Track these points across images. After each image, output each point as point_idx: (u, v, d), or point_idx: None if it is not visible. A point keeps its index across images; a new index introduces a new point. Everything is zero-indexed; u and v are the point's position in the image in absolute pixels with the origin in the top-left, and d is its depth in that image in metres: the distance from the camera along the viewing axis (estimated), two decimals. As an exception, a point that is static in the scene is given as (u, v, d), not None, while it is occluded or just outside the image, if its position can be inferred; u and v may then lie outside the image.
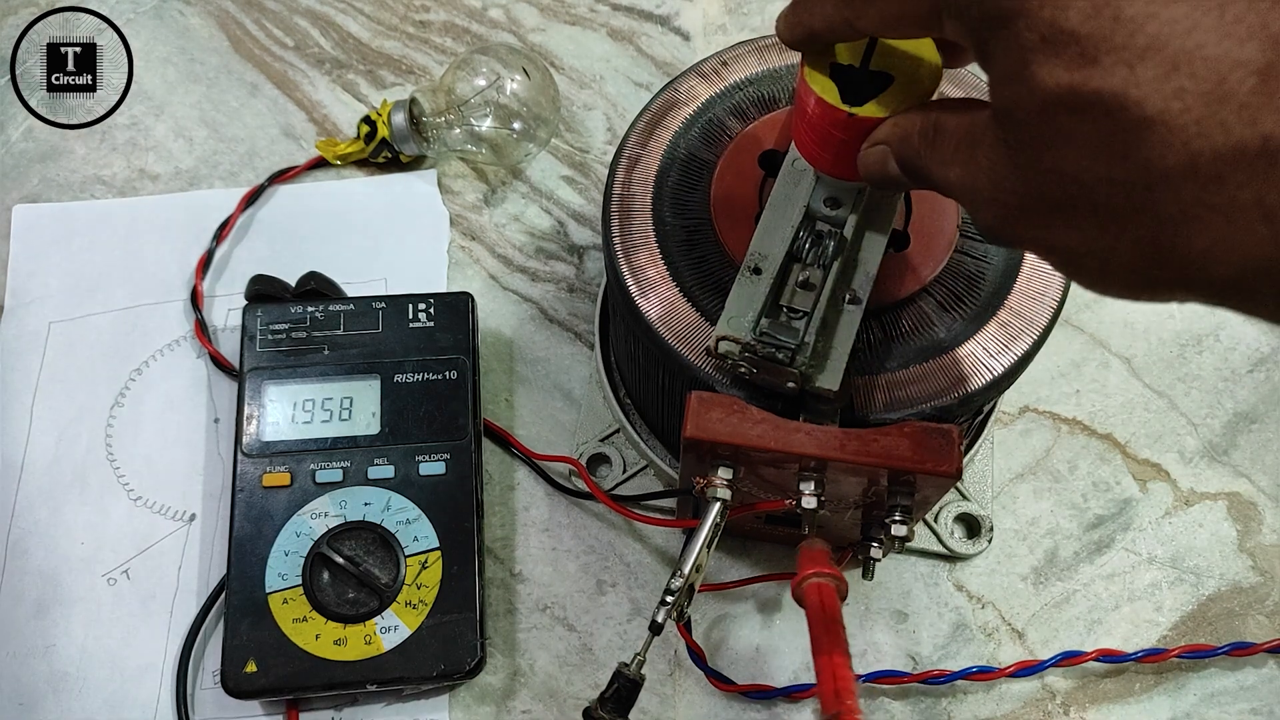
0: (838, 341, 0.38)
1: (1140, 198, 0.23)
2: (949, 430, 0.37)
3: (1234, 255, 0.22)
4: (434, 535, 0.48)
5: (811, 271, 0.38)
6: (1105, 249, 0.25)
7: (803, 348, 0.37)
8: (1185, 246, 0.23)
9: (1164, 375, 0.55)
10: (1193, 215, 0.22)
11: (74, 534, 0.51)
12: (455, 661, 0.45)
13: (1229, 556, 0.51)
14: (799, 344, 0.37)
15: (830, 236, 0.38)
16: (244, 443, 0.49)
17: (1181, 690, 0.48)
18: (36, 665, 0.48)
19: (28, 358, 0.55)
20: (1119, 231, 0.24)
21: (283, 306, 0.52)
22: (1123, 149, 0.22)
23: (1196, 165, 0.22)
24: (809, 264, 0.38)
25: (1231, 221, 0.22)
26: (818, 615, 0.36)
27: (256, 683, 0.45)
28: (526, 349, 0.56)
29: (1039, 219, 0.25)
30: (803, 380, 0.37)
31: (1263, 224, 0.21)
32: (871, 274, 0.38)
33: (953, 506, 0.51)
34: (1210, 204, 0.22)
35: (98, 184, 0.61)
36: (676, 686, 0.48)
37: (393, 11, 0.67)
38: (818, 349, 0.37)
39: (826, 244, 0.38)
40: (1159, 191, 0.22)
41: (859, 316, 0.38)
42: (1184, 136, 0.22)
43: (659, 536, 0.51)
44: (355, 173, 0.61)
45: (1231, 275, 0.23)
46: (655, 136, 0.45)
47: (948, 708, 0.48)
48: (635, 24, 0.66)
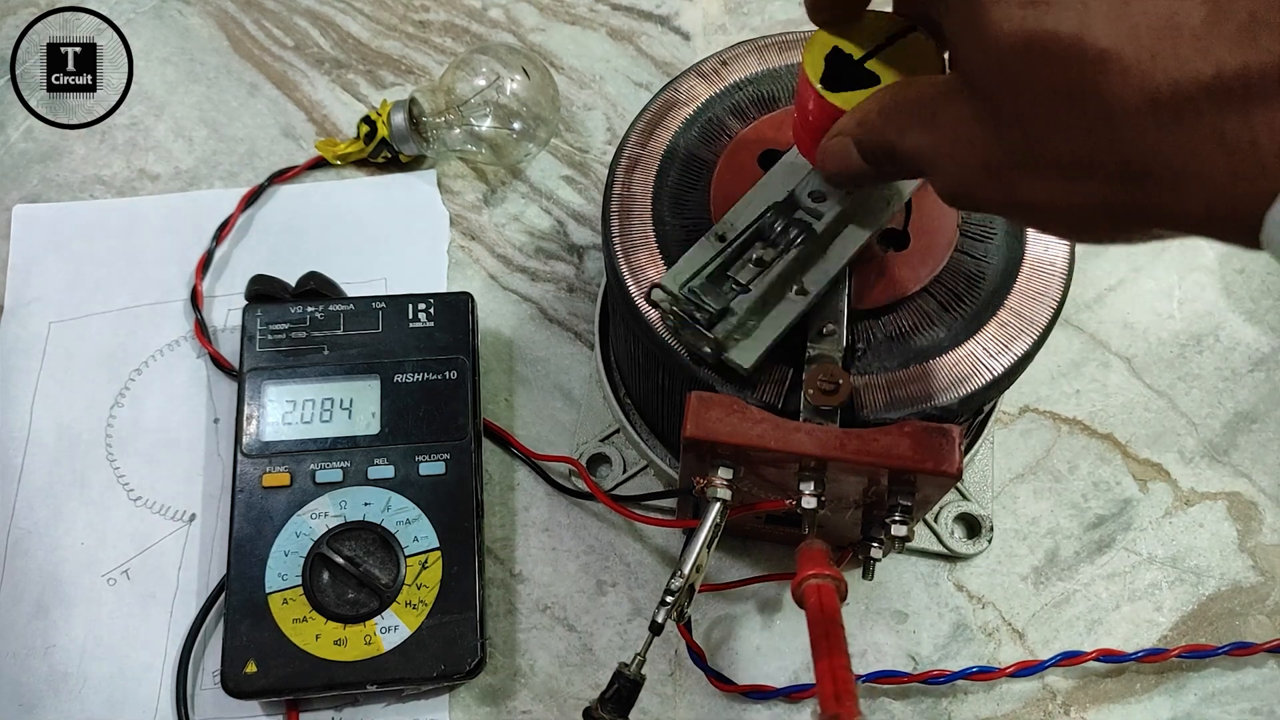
0: (767, 324, 0.38)
1: (1104, 137, 0.23)
2: (949, 430, 0.37)
3: (1199, 187, 0.22)
4: (434, 535, 0.48)
5: (767, 251, 0.38)
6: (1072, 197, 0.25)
7: (725, 316, 0.37)
8: (1151, 184, 0.23)
9: (1164, 375, 0.55)
10: (1156, 150, 0.22)
11: (74, 534, 0.51)
12: (455, 662, 0.45)
13: (1229, 556, 0.51)
14: (720, 311, 0.37)
15: (800, 226, 0.38)
16: (244, 443, 0.49)
17: (1182, 690, 0.48)
18: (36, 665, 0.48)
19: (28, 358, 0.55)
20: (1085, 177, 0.24)
21: (283, 306, 0.52)
22: (1083, 88, 0.23)
23: (1156, 98, 0.22)
24: (770, 244, 0.38)
25: (1192, 152, 0.22)
26: (817, 616, 0.36)
27: (256, 683, 0.45)
28: (526, 349, 0.56)
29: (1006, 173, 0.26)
30: (718, 348, 0.38)
31: (1221, 153, 0.22)
32: (831, 273, 0.39)
33: (953, 506, 0.51)
34: (1171, 136, 0.22)
35: (98, 184, 0.61)
36: (676, 686, 0.48)
37: (393, 11, 0.67)
38: (744, 324, 0.38)
39: (791, 231, 0.38)
40: (1122, 129, 0.23)
41: (800, 309, 0.38)
42: (1140, 71, 0.22)
43: (659, 536, 0.51)
44: (355, 173, 0.61)
45: (1196, 208, 0.23)
46: (655, 136, 0.45)
47: (948, 708, 0.48)
48: (635, 24, 0.66)
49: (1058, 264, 0.42)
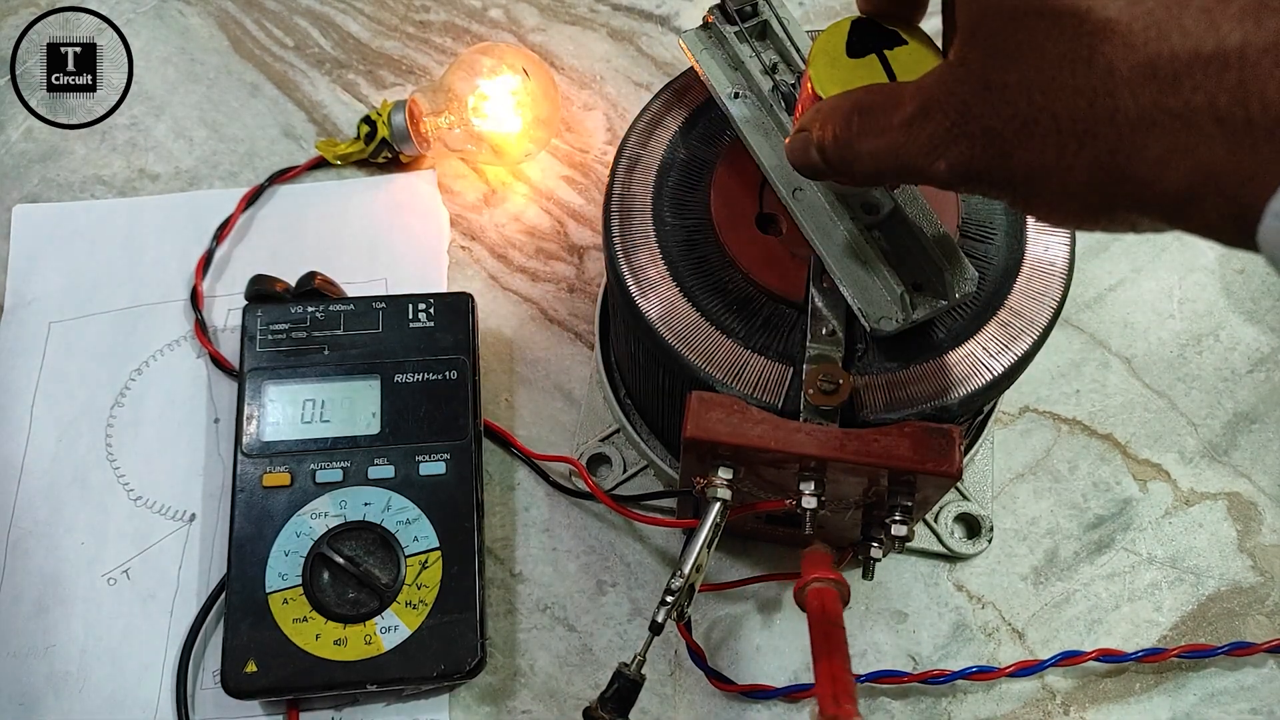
0: None
1: (1102, 104, 0.24)
2: (949, 430, 0.37)
3: (1187, 161, 0.23)
4: (434, 535, 0.48)
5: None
6: (1065, 168, 0.25)
7: None
8: (1141, 155, 0.24)
9: (1164, 375, 0.55)
10: (1150, 119, 0.23)
11: (74, 534, 0.51)
12: (455, 661, 0.45)
13: (1229, 556, 0.51)
14: None
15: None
16: (244, 443, 0.49)
17: (1181, 690, 0.48)
18: (36, 665, 0.48)
19: (28, 358, 0.55)
20: (1079, 147, 0.24)
21: (283, 306, 0.52)
22: (1087, 54, 0.23)
23: (1155, 68, 0.23)
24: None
25: (1186, 125, 0.22)
26: (819, 620, 0.36)
27: (256, 683, 0.45)
28: (526, 349, 0.56)
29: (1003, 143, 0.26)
30: None
31: (1215, 126, 0.22)
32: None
33: (953, 506, 0.51)
34: (1167, 107, 0.23)
35: (98, 184, 0.61)
36: (676, 686, 0.48)
37: (393, 11, 0.67)
38: None
39: None
40: (1120, 96, 0.23)
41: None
42: (1144, 39, 0.23)
43: (659, 536, 0.51)
44: (355, 173, 0.61)
45: (1183, 185, 0.23)
46: (655, 137, 0.45)
47: (948, 708, 0.48)
48: (635, 24, 0.66)
49: (1058, 264, 0.42)
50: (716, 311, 0.41)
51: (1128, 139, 0.23)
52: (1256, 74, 0.21)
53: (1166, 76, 0.22)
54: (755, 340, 0.40)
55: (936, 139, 0.28)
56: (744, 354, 0.40)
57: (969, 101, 0.27)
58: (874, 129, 0.29)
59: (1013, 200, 0.28)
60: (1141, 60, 0.23)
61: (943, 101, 0.27)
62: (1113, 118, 0.23)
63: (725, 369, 0.40)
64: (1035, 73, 0.25)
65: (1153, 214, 0.25)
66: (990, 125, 0.26)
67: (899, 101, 0.29)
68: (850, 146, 0.30)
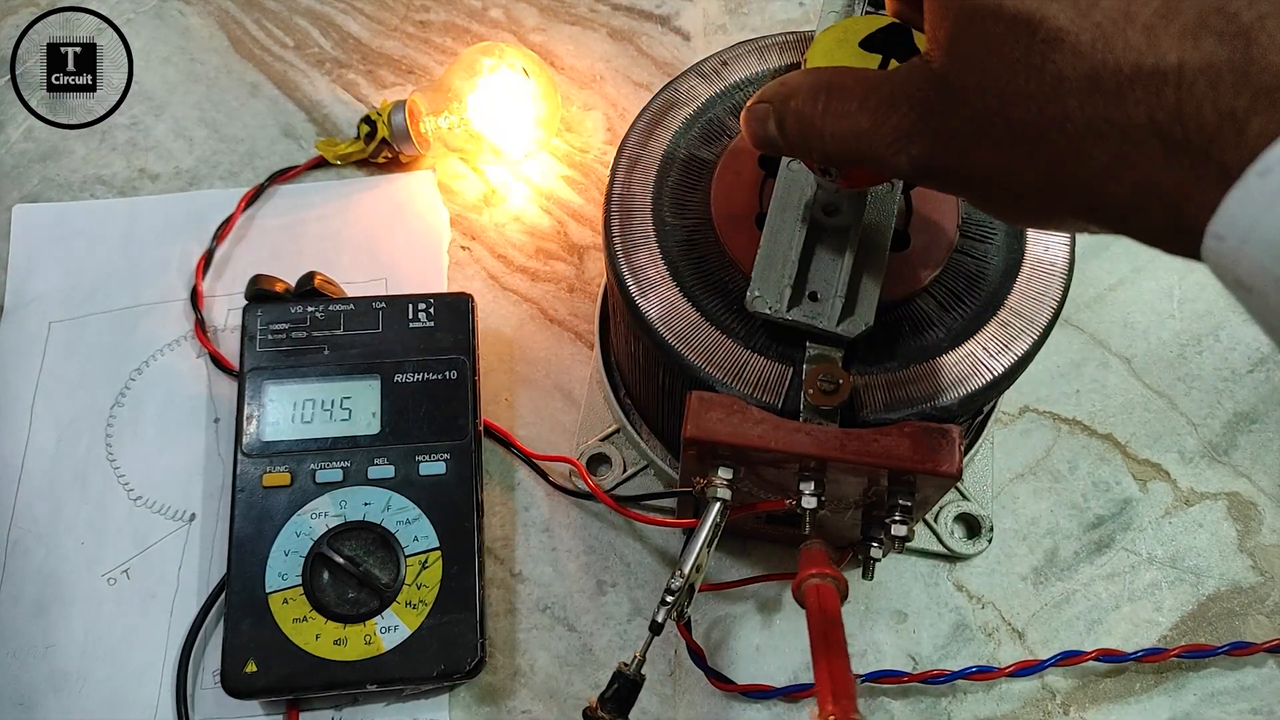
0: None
1: (1051, 111, 0.24)
2: (949, 430, 0.37)
3: (1131, 173, 0.23)
4: (434, 535, 0.48)
5: None
6: (1018, 171, 0.26)
7: None
8: (1088, 164, 0.24)
9: (1164, 375, 0.55)
10: (1095, 129, 0.23)
11: (74, 534, 0.51)
12: (455, 661, 0.45)
13: (1229, 556, 0.51)
14: None
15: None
16: (244, 443, 0.49)
17: (1181, 690, 0.48)
18: (36, 665, 0.48)
19: (28, 358, 0.55)
20: (1030, 151, 0.25)
21: (283, 306, 0.52)
22: (1039, 61, 0.24)
23: (1100, 79, 0.23)
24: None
25: (1129, 138, 0.23)
26: (817, 617, 0.36)
27: (256, 683, 0.45)
28: (526, 349, 0.56)
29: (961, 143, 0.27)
30: None
31: (1155, 141, 0.22)
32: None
33: (953, 506, 0.51)
34: (1111, 119, 0.23)
35: (98, 184, 0.61)
36: (676, 686, 0.48)
37: (393, 11, 0.67)
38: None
39: None
40: (1068, 104, 0.24)
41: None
42: (1091, 51, 0.23)
43: (659, 536, 0.51)
44: (355, 172, 0.61)
45: (1127, 196, 0.24)
46: (655, 136, 0.45)
47: (948, 707, 0.48)
48: (635, 24, 0.66)
49: (1058, 264, 0.42)
50: (716, 311, 0.41)
51: (1076, 147, 0.24)
52: (1192, 95, 0.22)
53: (1111, 89, 0.23)
54: (755, 340, 0.40)
55: (901, 132, 0.28)
56: (744, 354, 0.40)
57: (932, 100, 0.27)
58: (840, 111, 0.29)
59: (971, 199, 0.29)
60: (1088, 70, 0.23)
61: (910, 96, 0.28)
62: (1062, 126, 0.24)
63: (725, 369, 0.40)
64: (991, 77, 0.25)
65: (1100, 221, 0.26)
66: (950, 125, 0.27)
67: (869, 89, 0.29)
68: (813, 124, 0.30)
